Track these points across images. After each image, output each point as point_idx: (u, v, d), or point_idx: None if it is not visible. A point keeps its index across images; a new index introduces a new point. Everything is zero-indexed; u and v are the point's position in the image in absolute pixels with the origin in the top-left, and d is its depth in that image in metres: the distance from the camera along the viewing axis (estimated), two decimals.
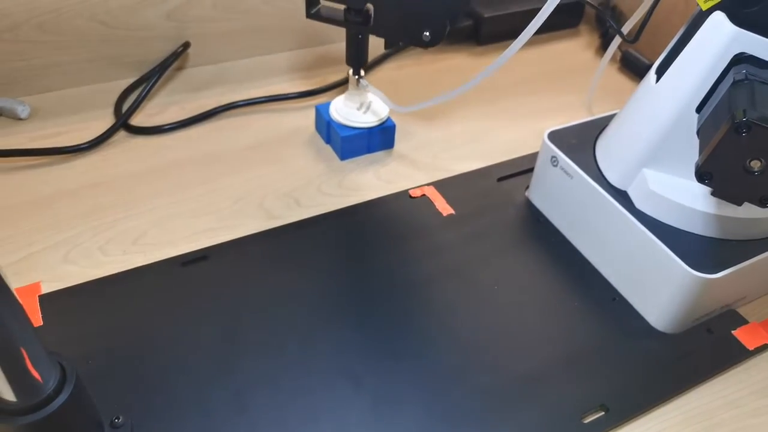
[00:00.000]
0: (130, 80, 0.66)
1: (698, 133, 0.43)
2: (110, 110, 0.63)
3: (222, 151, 0.60)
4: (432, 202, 0.56)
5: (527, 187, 0.58)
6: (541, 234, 0.54)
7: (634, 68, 0.75)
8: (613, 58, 0.77)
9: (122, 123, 0.61)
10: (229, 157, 0.60)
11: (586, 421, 0.41)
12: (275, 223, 0.53)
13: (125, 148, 0.60)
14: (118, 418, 0.37)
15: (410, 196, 0.57)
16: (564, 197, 0.53)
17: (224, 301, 0.46)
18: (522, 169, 0.60)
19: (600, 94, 0.68)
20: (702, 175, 0.40)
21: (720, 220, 0.45)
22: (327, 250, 0.51)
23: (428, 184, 0.58)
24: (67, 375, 0.32)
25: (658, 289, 0.46)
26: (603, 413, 0.42)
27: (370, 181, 0.59)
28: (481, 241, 0.53)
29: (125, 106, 0.63)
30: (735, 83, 0.40)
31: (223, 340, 0.44)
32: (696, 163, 0.40)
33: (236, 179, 0.57)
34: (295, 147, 0.62)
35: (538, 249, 0.53)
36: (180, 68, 0.69)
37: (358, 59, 0.58)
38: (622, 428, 0.41)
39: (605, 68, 0.62)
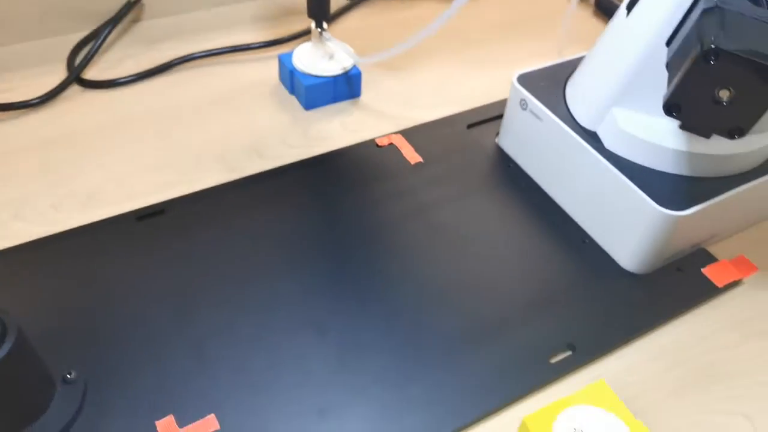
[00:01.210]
0: (83, 33, 0.63)
1: (667, 66, 0.41)
2: (62, 65, 0.60)
3: (181, 105, 0.58)
4: (399, 150, 0.55)
5: (497, 134, 0.57)
6: (511, 179, 0.53)
7: (609, 12, 0.73)
8: (587, 2, 0.75)
9: (75, 77, 0.58)
10: (188, 111, 0.57)
11: (553, 360, 0.41)
12: (236, 176, 0.51)
13: (79, 103, 0.57)
14: (71, 374, 0.36)
15: (377, 145, 0.55)
16: (534, 141, 0.52)
17: (182, 254, 0.45)
18: (492, 115, 0.59)
19: (573, 39, 0.66)
20: (670, 107, 0.39)
21: (690, 157, 0.44)
22: (290, 201, 0.50)
23: (396, 133, 0.56)
24: (7, 330, 0.31)
25: (628, 229, 0.45)
26: (570, 353, 0.41)
27: (336, 131, 0.57)
28: (450, 187, 0.52)
29: (78, 60, 0.60)
30: (704, 12, 0.39)
31: (181, 293, 0.42)
32: (664, 95, 0.39)
33: (195, 133, 0.55)
34: (258, 99, 0.59)
35: (508, 194, 0.52)
36: (135, 21, 0.66)
37: (319, 12, 0.56)
38: (589, 366, 0.41)
39: (579, 13, 0.60)
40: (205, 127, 0.56)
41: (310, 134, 0.56)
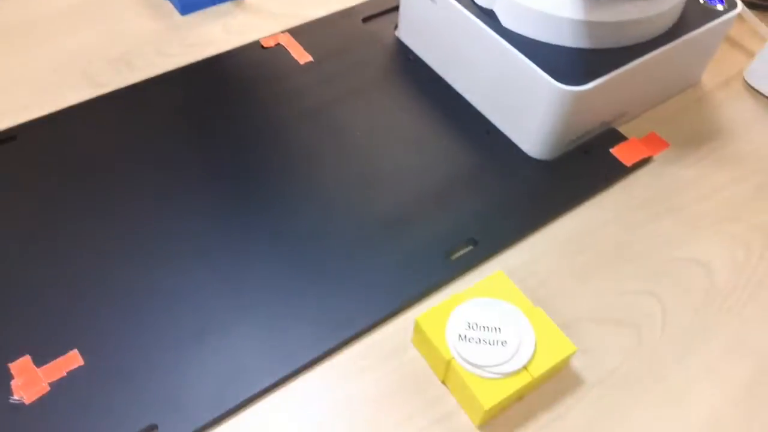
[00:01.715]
0: None
1: None
2: None
3: (34, 17, 0.51)
4: (288, 50, 0.50)
5: (395, 26, 0.52)
6: (412, 72, 0.49)
7: None
8: None
9: None
10: (43, 23, 0.51)
11: (455, 257, 0.38)
12: (102, 91, 0.46)
13: None
14: None
15: (262, 47, 0.50)
16: (432, 28, 0.47)
17: (37, 182, 0.40)
18: (389, 6, 0.54)
19: None
20: None
21: (587, 26, 0.40)
22: (166, 113, 0.45)
23: (283, 32, 0.51)
24: None
25: (529, 112, 0.42)
26: (471, 247, 0.38)
27: (218, 35, 0.51)
28: (345, 84, 0.47)
29: None
30: None
31: (39, 225, 0.38)
32: None
33: (54, 47, 0.49)
34: (126, 4, 0.53)
35: (408, 88, 0.48)
36: None
37: None
38: (492, 261, 0.39)
39: None
40: (64, 40, 0.49)
41: (188, 41, 0.51)
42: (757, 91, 0.50)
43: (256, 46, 0.50)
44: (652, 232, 0.41)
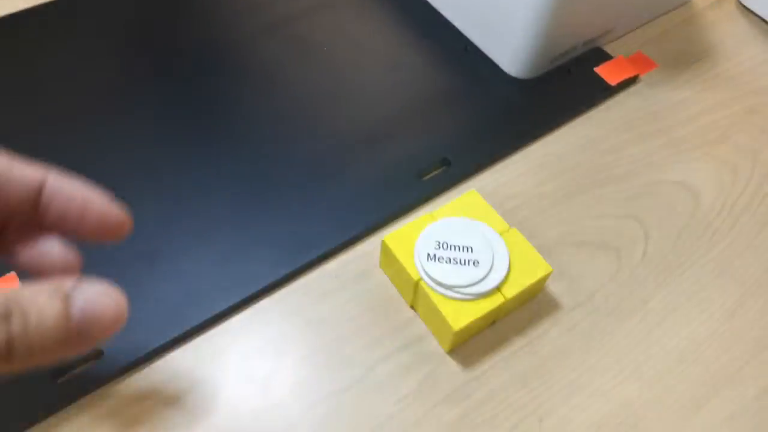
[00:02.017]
0: None
1: None
2: None
3: None
4: None
5: None
6: None
7: None
8: None
9: None
10: None
11: (426, 177, 0.36)
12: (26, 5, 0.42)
13: None
14: None
15: None
16: None
17: None
18: None
19: None
20: None
21: None
22: (115, 29, 0.41)
23: None
24: None
25: (510, 24, 0.39)
26: (444, 168, 0.36)
27: None
28: None
29: None
30: None
31: None
32: None
33: None
34: None
35: (381, 2, 0.44)
36: None
37: None
38: (467, 182, 0.36)
39: None
40: None
41: None
42: (750, 11, 0.47)
43: None
44: (637, 154, 0.38)
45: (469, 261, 0.29)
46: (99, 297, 0.18)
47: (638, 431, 0.29)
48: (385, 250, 0.31)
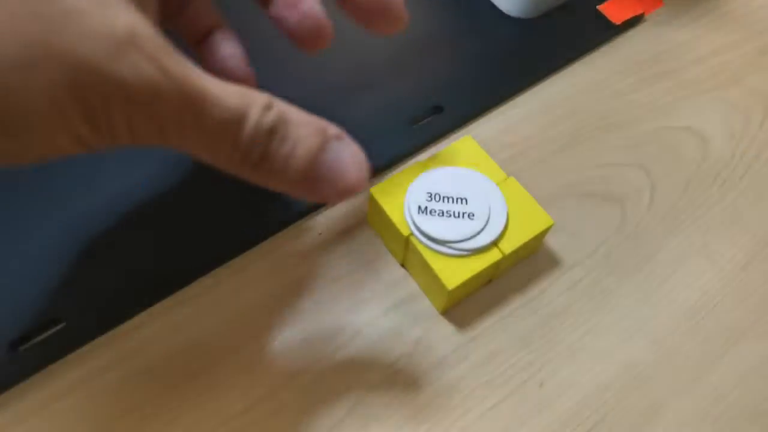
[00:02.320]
0: None
1: None
2: None
3: None
4: None
5: None
6: None
7: None
8: None
9: None
10: None
11: (418, 125, 0.33)
12: None
13: None
14: None
15: None
16: None
17: None
18: None
19: None
20: None
21: None
22: None
23: None
24: None
25: None
26: (437, 115, 0.33)
27: None
28: None
29: None
30: None
31: None
32: None
33: None
34: None
35: None
36: None
37: None
38: (461, 130, 0.34)
39: None
40: None
41: None
42: None
43: None
44: (642, 98, 0.36)
45: (463, 214, 0.27)
46: (351, 158, 0.18)
47: (647, 392, 0.27)
48: (373, 203, 0.28)
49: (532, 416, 0.26)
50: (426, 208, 0.27)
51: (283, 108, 0.18)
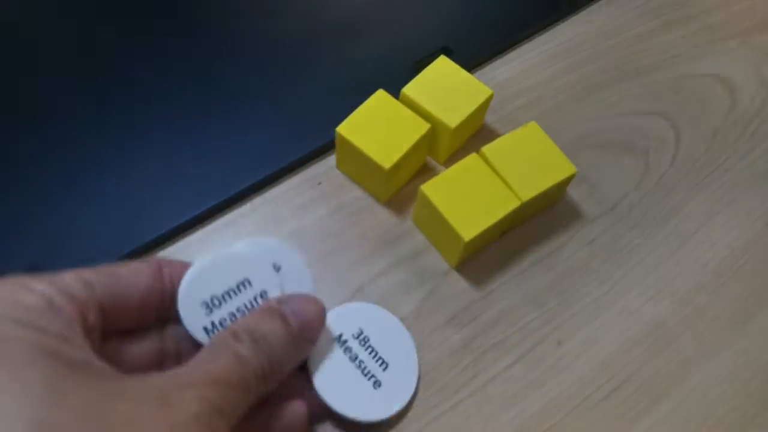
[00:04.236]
0: None
1: None
2: None
3: None
4: None
5: None
6: None
7: None
8: None
9: None
10: None
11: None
12: None
13: None
14: None
15: None
16: None
17: None
18: None
19: None
20: None
21: None
22: None
23: None
24: None
25: None
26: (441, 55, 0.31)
27: None
28: None
29: None
30: None
31: None
32: None
33: None
34: None
35: None
36: None
37: None
38: (474, 72, 0.31)
39: None
40: None
41: None
42: None
43: None
44: (665, 44, 0.33)
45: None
46: (302, 304, 0.20)
47: (672, 352, 0.25)
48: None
49: (550, 377, 0.24)
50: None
51: (236, 324, 0.19)
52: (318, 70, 0.30)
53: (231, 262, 0.21)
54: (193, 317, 0.20)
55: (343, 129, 0.25)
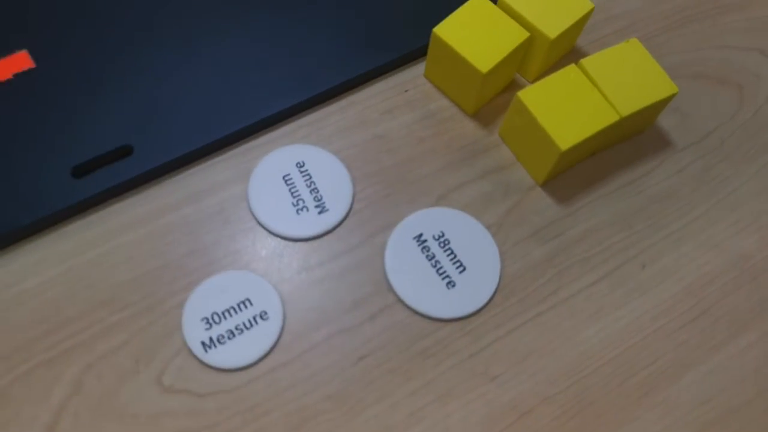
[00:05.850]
0: None
1: None
2: None
3: None
4: None
5: None
6: None
7: None
8: None
9: None
10: None
11: None
12: None
13: None
14: None
15: None
16: None
17: None
18: None
19: None
20: None
21: None
22: None
23: None
24: None
25: None
26: None
27: None
28: None
29: None
30: None
31: None
32: None
33: None
34: None
35: None
36: None
37: None
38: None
39: None
40: None
41: None
42: None
43: None
44: None
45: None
46: None
47: (757, 287, 0.25)
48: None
49: (631, 299, 0.24)
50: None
51: None
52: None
53: (235, 281, 0.22)
54: (193, 331, 0.21)
55: (441, 30, 0.24)
